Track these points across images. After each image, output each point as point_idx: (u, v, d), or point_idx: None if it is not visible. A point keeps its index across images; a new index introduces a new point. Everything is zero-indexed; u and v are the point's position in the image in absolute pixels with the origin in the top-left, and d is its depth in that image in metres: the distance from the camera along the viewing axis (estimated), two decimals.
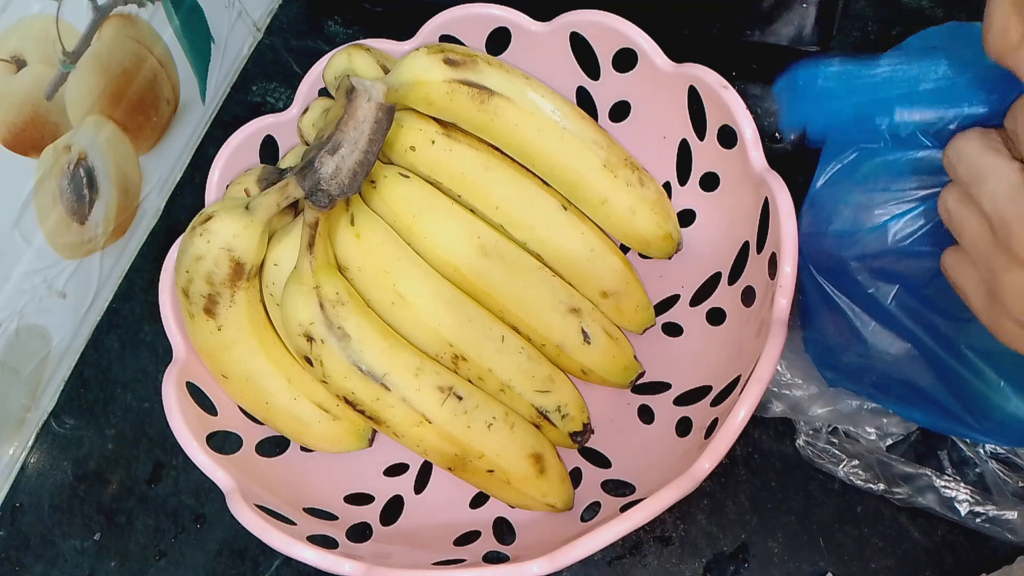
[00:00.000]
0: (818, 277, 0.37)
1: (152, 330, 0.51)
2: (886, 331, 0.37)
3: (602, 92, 0.43)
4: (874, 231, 0.35)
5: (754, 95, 0.51)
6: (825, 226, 0.37)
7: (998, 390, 0.35)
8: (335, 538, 0.36)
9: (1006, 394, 0.35)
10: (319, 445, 0.41)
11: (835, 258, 0.36)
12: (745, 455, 0.42)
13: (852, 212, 0.36)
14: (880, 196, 0.35)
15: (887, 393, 0.38)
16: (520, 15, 0.42)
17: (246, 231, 0.36)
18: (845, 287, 0.37)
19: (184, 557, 0.44)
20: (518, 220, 0.41)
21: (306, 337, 0.36)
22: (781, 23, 0.48)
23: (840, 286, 0.37)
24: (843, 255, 0.36)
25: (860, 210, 0.36)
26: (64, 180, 0.46)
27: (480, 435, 0.38)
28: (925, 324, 0.35)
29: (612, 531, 0.29)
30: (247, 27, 0.59)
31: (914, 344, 0.36)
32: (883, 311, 0.36)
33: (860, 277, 0.36)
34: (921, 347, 0.36)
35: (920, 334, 0.36)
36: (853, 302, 0.37)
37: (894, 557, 0.39)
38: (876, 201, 0.35)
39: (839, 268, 0.36)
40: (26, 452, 0.49)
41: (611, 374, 0.42)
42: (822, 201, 0.37)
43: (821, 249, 0.37)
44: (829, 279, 0.37)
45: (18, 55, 0.40)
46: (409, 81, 0.38)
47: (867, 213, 0.36)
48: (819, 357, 0.39)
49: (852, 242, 0.36)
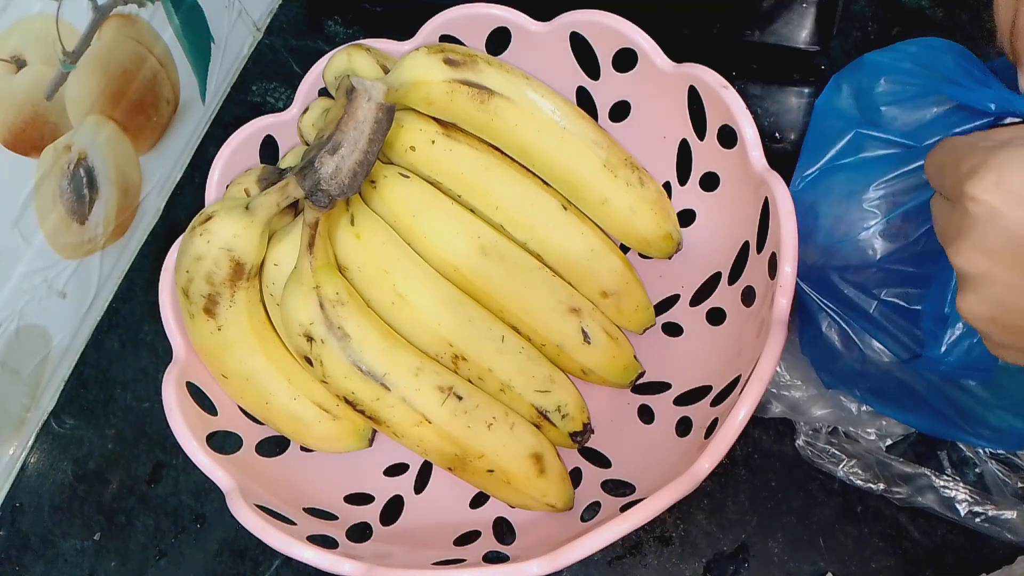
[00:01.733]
0: (803, 286, 0.37)
1: (152, 330, 0.51)
2: (873, 339, 0.37)
3: (602, 92, 0.43)
4: (852, 244, 0.35)
5: (754, 95, 0.51)
6: (807, 236, 0.37)
7: (983, 402, 0.35)
8: (335, 538, 0.36)
9: (990, 406, 0.35)
10: (319, 445, 0.41)
11: (817, 268, 0.36)
12: (745, 455, 0.42)
13: (832, 223, 0.36)
14: (860, 207, 0.35)
15: (882, 398, 0.38)
16: (520, 15, 0.42)
17: (246, 231, 0.36)
18: (830, 297, 0.37)
19: (184, 557, 0.44)
20: (518, 220, 0.41)
21: (306, 337, 0.36)
22: (781, 23, 0.48)
23: (829, 295, 0.37)
24: (825, 266, 0.36)
25: (840, 221, 0.36)
26: (64, 180, 0.46)
27: (480, 435, 0.38)
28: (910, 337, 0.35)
29: (612, 531, 0.29)
30: (247, 27, 0.59)
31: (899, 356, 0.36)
32: (869, 321, 0.36)
33: (843, 288, 0.36)
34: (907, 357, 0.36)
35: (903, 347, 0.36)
36: (841, 311, 0.37)
37: (894, 557, 0.39)
38: (855, 212, 0.36)
39: (822, 278, 0.37)
40: (26, 452, 0.49)
41: (611, 374, 0.42)
42: (803, 211, 0.37)
43: (803, 260, 0.36)
44: (815, 288, 0.37)
45: (18, 55, 0.40)
46: (409, 81, 0.38)
47: (847, 224, 0.36)
48: (815, 360, 0.39)
49: (832, 255, 0.36)
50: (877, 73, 0.37)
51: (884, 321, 0.35)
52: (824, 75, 0.51)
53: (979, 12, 0.51)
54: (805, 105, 0.51)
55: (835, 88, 0.39)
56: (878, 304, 0.35)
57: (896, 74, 0.37)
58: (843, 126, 0.37)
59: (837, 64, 0.51)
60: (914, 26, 0.52)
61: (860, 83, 0.38)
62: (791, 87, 0.51)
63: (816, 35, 0.48)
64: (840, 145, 0.37)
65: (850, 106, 0.38)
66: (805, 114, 0.51)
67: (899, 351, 0.35)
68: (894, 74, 0.37)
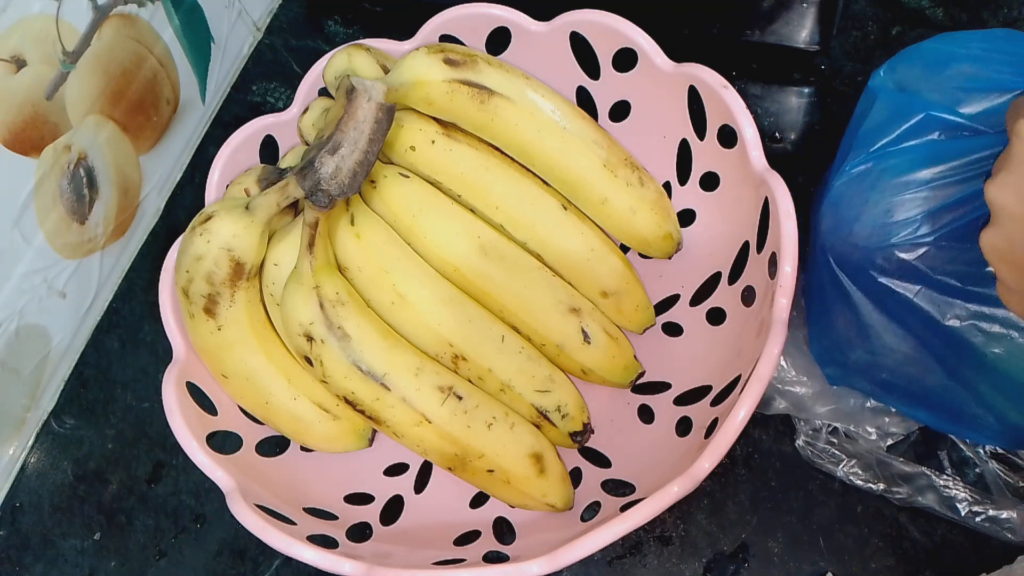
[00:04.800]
0: (837, 271, 0.37)
1: (152, 330, 0.51)
2: (899, 328, 0.36)
3: (602, 92, 0.43)
4: (907, 224, 0.35)
5: (754, 95, 0.51)
6: (854, 216, 0.36)
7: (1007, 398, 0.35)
8: (335, 538, 0.36)
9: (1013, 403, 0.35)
10: (319, 445, 0.41)
11: (861, 250, 0.36)
12: (745, 455, 0.42)
13: (885, 204, 0.36)
14: (916, 189, 0.35)
15: (892, 391, 0.38)
16: (520, 15, 0.42)
17: (246, 231, 0.36)
18: (864, 282, 0.36)
19: (184, 557, 0.44)
20: (518, 220, 0.41)
21: (306, 337, 0.36)
22: (781, 23, 0.48)
23: (859, 281, 0.37)
24: (870, 246, 0.36)
25: (894, 202, 0.35)
26: (64, 180, 0.46)
27: (480, 435, 0.38)
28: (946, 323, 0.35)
29: (612, 531, 0.29)
30: (247, 27, 0.59)
31: (925, 344, 0.36)
32: (901, 308, 0.36)
33: (884, 271, 0.36)
34: (932, 347, 0.36)
35: (933, 334, 0.35)
36: (870, 298, 0.37)
37: (894, 557, 0.39)
38: (911, 194, 0.35)
39: (862, 262, 0.36)
40: (26, 452, 0.49)
41: (611, 374, 0.42)
42: (852, 192, 0.37)
43: (846, 240, 0.36)
44: (849, 273, 0.37)
45: (18, 55, 0.40)
46: (409, 81, 0.38)
47: (902, 205, 0.35)
48: (824, 354, 0.39)
49: (882, 234, 0.36)
50: (943, 59, 0.37)
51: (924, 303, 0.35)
52: (824, 75, 0.51)
53: (979, 12, 0.51)
54: (805, 105, 0.51)
55: (891, 71, 0.38)
56: (921, 289, 0.35)
57: (963, 61, 0.36)
58: (910, 109, 0.36)
59: (837, 64, 0.51)
60: (914, 26, 0.52)
61: (925, 68, 0.37)
62: (791, 87, 0.51)
63: (816, 35, 0.48)
64: (907, 126, 0.36)
65: (912, 90, 0.37)
66: (805, 114, 0.51)
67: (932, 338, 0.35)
68: (961, 61, 0.36)
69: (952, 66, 0.36)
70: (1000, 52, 0.36)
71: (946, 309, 0.35)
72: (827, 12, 0.47)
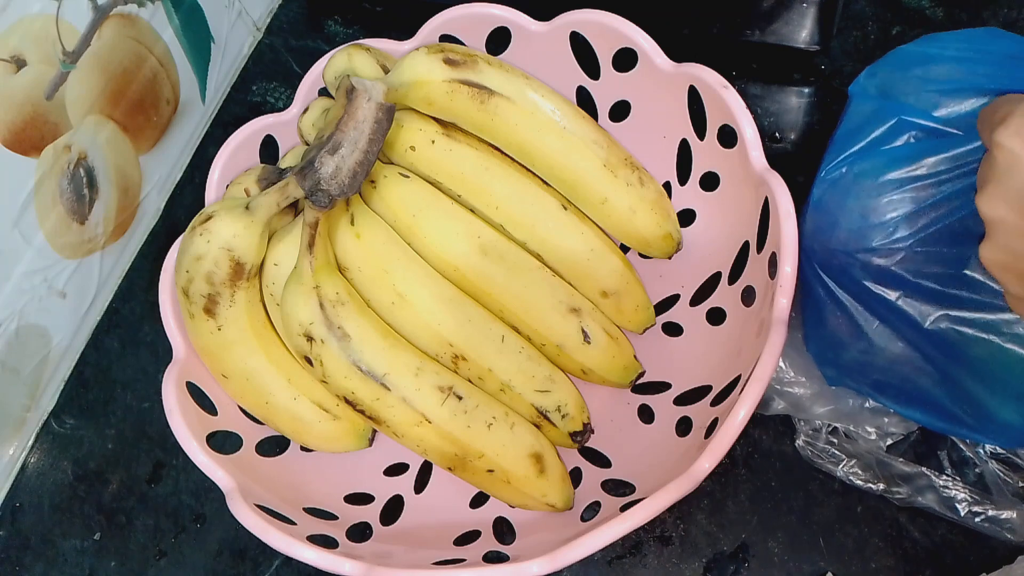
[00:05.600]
0: (821, 274, 0.37)
1: (152, 330, 0.51)
2: (886, 328, 0.37)
3: (602, 92, 0.43)
4: (883, 228, 0.35)
5: (754, 95, 0.51)
6: (832, 221, 0.37)
7: (994, 396, 0.35)
8: (335, 538, 0.36)
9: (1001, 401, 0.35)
10: (319, 445, 0.41)
11: (841, 254, 0.36)
12: (745, 455, 0.42)
13: (861, 208, 0.36)
14: (891, 192, 0.35)
15: (887, 392, 0.38)
16: (520, 15, 0.42)
17: (246, 231, 0.36)
18: (848, 285, 0.37)
19: (184, 557, 0.44)
20: (518, 220, 0.41)
21: (306, 337, 0.36)
22: (781, 23, 0.48)
23: (843, 284, 0.37)
24: (849, 251, 0.36)
25: (869, 207, 0.36)
26: (64, 180, 0.46)
27: (480, 435, 0.38)
28: (927, 326, 0.35)
29: (612, 531, 0.29)
30: (247, 27, 0.59)
31: (913, 344, 0.36)
32: (886, 310, 0.36)
33: (865, 275, 0.36)
34: (920, 347, 0.36)
35: (919, 335, 0.36)
36: (856, 300, 0.37)
37: (894, 557, 0.39)
38: (886, 198, 0.35)
39: (844, 265, 0.36)
40: (26, 452, 0.49)
41: (611, 374, 0.42)
42: (829, 197, 0.37)
43: (826, 245, 0.37)
44: (832, 276, 0.37)
45: (18, 55, 0.40)
46: (409, 81, 0.38)
47: (876, 209, 0.36)
48: (820, 355, 0.39)
49: (859, 239, 0.36)
50: (921, 62, 0.37)
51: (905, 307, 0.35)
52: (824, 75, 0.51)
53: (979, 12, 0.51)
54: (805, 105, 0.51)
55: (871, 76, 0.38)
56: (901, 294, 0.35)
57: (940, 63, 0.36)
58: (884, 113, 0.36)
59: (837, 64, 0.51)
60: (914, 26, 0.52)
61: (902, 72, 0.37)
62: (791, 87, 0.51)
63: (816, 35, 0.48)
64: (880, 131, 0.36)
65: (891, 94, 0.37)
66: (805, 114, 0.51)
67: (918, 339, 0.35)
68: (939, 63, 0.36)
69: (931, 68, 0.36)
70: (979, 52, 0.36)
71: (927, 312, 0.35)
72: (827, 12, 0.47)
